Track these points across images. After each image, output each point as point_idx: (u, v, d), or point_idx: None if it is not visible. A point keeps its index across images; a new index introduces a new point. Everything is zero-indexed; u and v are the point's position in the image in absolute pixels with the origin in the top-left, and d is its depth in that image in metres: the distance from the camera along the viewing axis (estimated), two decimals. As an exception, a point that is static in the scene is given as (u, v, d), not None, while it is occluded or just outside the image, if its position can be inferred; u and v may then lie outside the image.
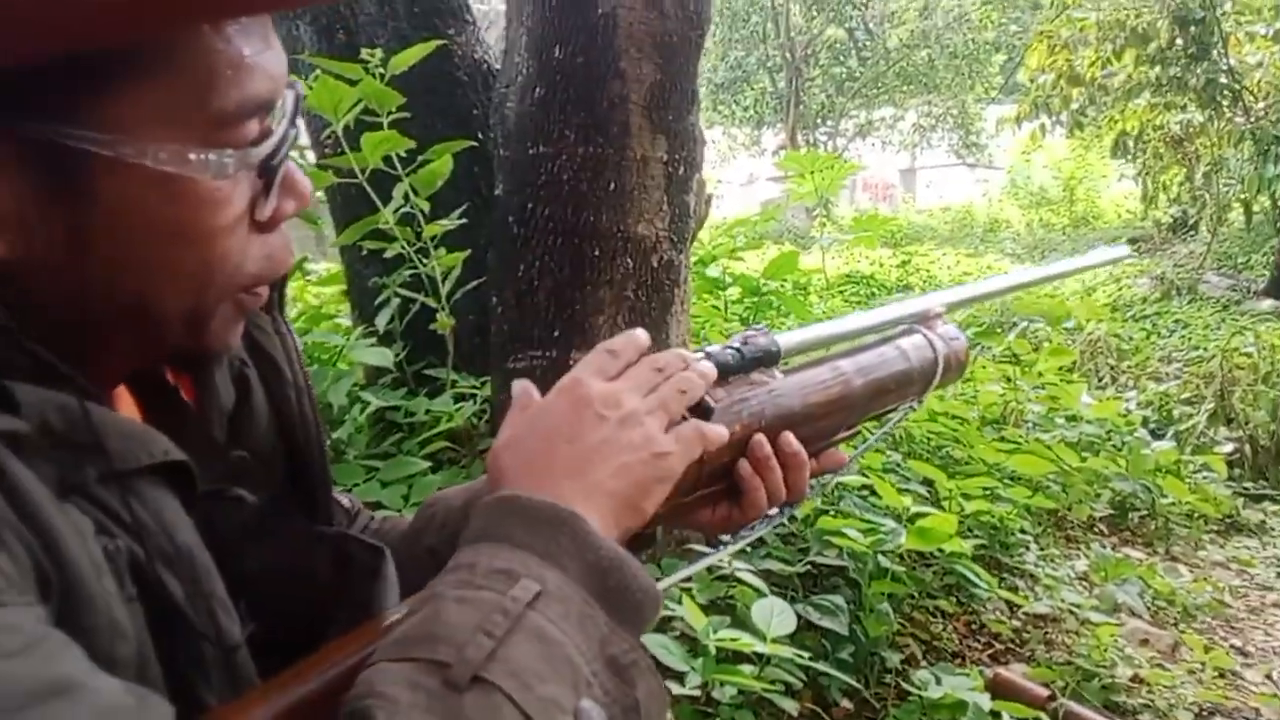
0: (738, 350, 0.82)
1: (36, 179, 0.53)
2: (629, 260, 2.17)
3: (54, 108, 0.52)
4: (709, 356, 0.80)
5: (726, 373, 0.80)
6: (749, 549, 2.41)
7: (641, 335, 0.76)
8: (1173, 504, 3.69)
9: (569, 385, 0.70)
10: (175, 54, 0.53)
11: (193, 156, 0.55)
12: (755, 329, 0.87)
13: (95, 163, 0.53)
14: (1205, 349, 6.49)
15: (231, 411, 0.72)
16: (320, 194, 3.19)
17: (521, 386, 0.74)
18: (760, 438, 0.81)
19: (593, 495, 0.64)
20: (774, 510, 0.84)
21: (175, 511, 0.60)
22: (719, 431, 0.73)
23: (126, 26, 0.51)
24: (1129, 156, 11.28)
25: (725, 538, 0.86)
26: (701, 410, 0.75)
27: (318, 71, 2.31)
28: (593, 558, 0.59)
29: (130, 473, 0.57)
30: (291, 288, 3.71)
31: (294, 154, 0.64)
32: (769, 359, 0.84)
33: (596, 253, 2.15)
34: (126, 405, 0.66)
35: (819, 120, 22.27)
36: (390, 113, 2.34)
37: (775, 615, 2.02)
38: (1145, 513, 3.75)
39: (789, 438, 0.83)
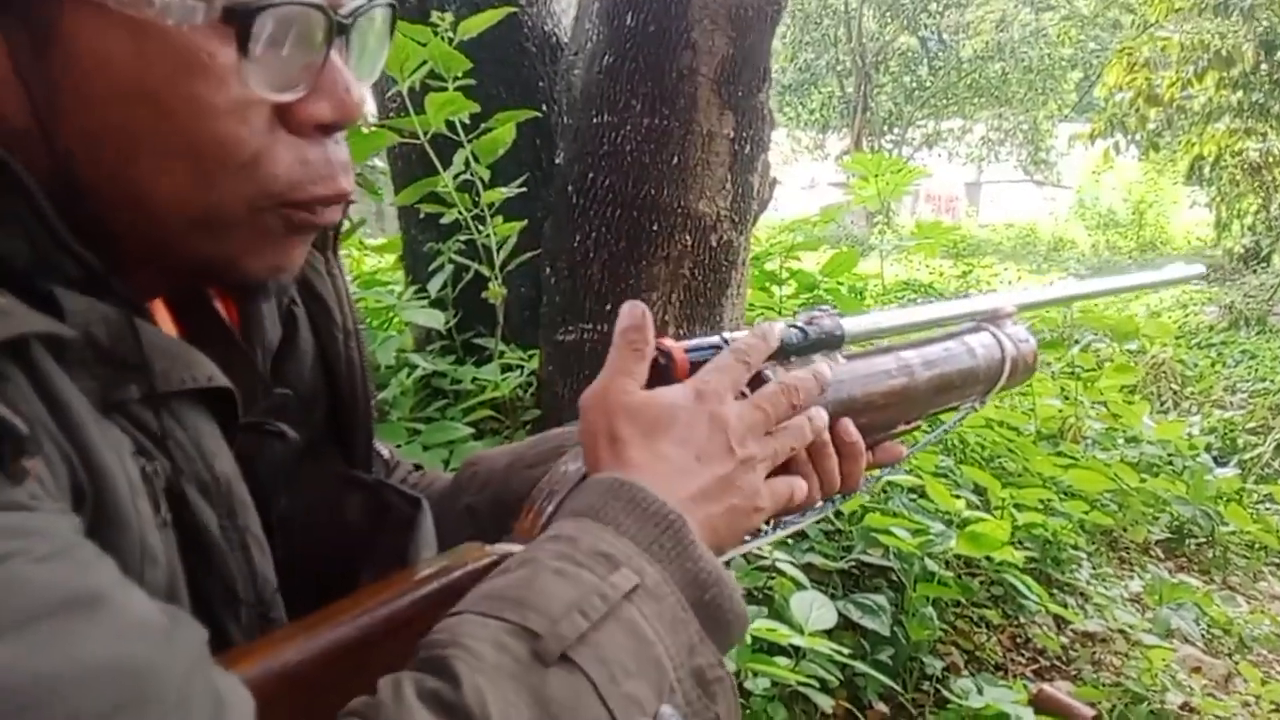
0: (802, 330, 0.79)
1: (8, 33, 0.49)
2: (687, 237, 2.12)
3: None
4: (789, 327, 0.77)
5: (789, 352, 0.77)
6: (791, 541, 2.36)
7: (773, 332, 0.74)
8: (1233, 533, 3.56)
9: (707, 394, 0.67)
10: None
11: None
12: (822, 309, 0.83)
13: (59, 5, 0.49)
14: (1273, 381, 6.29)
15: (276, 349, 0.70)
16: (381, 162, 3.19)
17: (636, 314, 0.68)
18: (822, 417, 0.77)
19: (703, 522, 0.62)
20: (822, 502, 0.80)
21: (215, 439, 0.57)
22: (802, 489, 0.72)
23: None
24: (1203, 182, 11.03)
25: (767, 525, 0.80)
26: (758, 382, 0.72)
27: (387, 30, 2.29)
28: (693, 567, 0.58)
29: (172, 395, 0.54)
30: (348, 255, 3.74)
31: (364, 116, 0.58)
32: (833, 342, 0.81)
33: (655, 227, 2.11)
34: (166, 324, 0.62)
35: (886, 128, 22.05)
36: (456, 77, 2.32)
37: (815, 609, 1.97)
38: (1204, 540, 3.63)
39: (848, 425, 0.79)
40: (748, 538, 0.78)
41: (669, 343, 0.72)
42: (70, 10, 0.49)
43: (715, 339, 0.75)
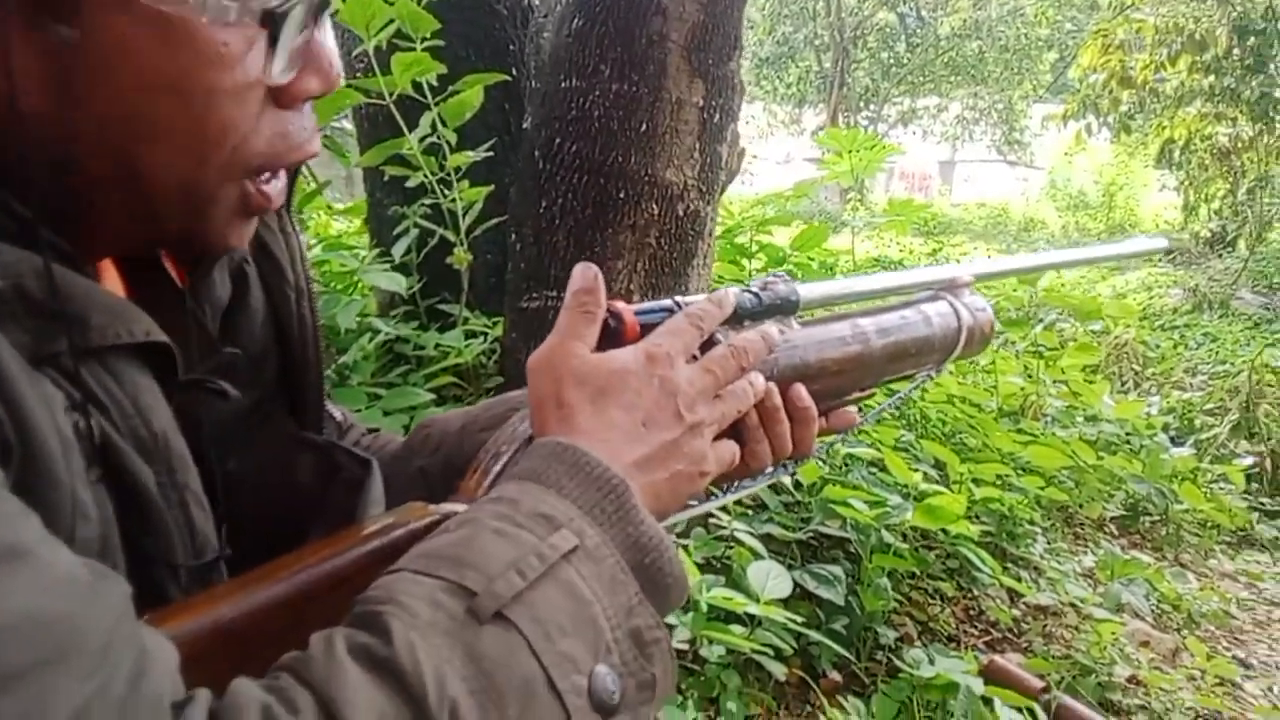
0: (756, 295, 0.79)
1: (27, 18, 0.49)
2: (654, 206, 2.12)
3: None
4: (743, 291, 0.78)
5: (742, 316, 0.77)
6: (750, 511, 2.37)
7: (728, 298, 0.75)
8: (1187, 511, 3.62)
9: (658, 358, 0.67)
10: None
11: None
12: (776, 275, 0.83)
13: (91, 2, 0.49)
14: (1233, 364, 6.38)
15: (226, 307, 0.69)
16: (347, 123, 3.15)
17: (587, 276, 0.69)
18: (770, 387, 0.77)
19: (645, 488, 0.63)
20: (773, 468, 0.81)
21: (153, 395, 0.57)
22: (734, 450, 0.72)
23: None
24: (1173, 166, 11.11)
25: (720, 489, 0.83)
26: (709, 345, 0.73)
27: (353, -13, 2.25)
28: (634, 532, 0.58)
29: (107, 349, 0.53)
30: (314, 218, 3.69)
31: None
32: (787, 307, 0.81)
33: (621, 195, 2.10)
34: (112, 282, 0.62)
35: (862, 104, 22.04)
36: (424, 38, 2.29)
37: (770, 578, 1.99)
38: (1158, 518, 3.69)
39: (800, 391, 0.80)
40: (694, 501, 0.78)
41: (619, 305, 0.72)
42: (98, 6, 0.49)
43: (668, 302, 0.75)
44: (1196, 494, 3.44)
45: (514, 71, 2.60)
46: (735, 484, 0.83)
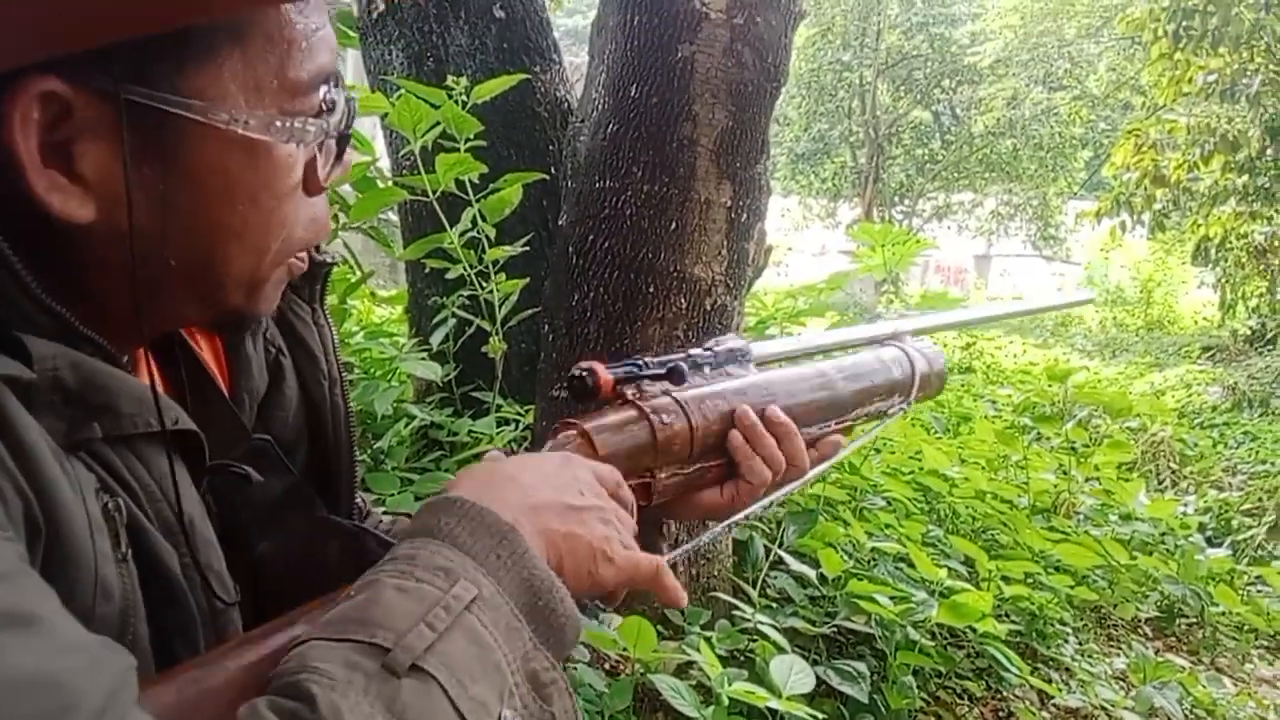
0: (710, 350, 0.88)
1: (131, 141, 0.55)
2: (682, 300, 2.18)
3: (158, 76, 0.55)
4: (683, 360, 0.85)
5: (702, 366, 0.87)
6: (774, 604, 2.38)
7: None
8: (1223, 614, 3.55)
9: (571, 458, 0.74)
10: (262, 27, 0.57)
11: (278, 123, 0.59)
12: (725, 337, 0.93)
13: (188, 128, 0.56)
14: (1273, 463, 6.28)
15: (263, 396, 0.75)
16: (393, 216, 3.28)
17: (591, 366, 0.78)
18: (745, 408, 0.86)
19: (539, 533, 0.65)
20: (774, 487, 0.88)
21: (182, 480, 0.61)
22: (653, 565, 0.73)
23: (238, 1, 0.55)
24: (1210, 263, 11.09)
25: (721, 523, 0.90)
26: (676, 375, 0.82)
27: (402, 92, 2.38)
28: (526, 574, 0.60)
29: (138, 436, 0.59)
30: (357, 306, 3.80)
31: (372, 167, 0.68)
32: (742, 354, 0.90)
33: (651, 289, 2.17)
34: (144, 374, 0.68)
35: (897, 198, 22.25)
36: (468, 139, 2.41)
37: (794, 673, 1.99)
38: (1193, 620, 3.62)
39: (775, 410, 0.88)
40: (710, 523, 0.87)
41: (594, 363, 0.80)
42: (193, 134, 0.57)
43: (635, 360, 0.83)
44: (1233, 596, 3.38)
45: (551, 171, 2.71)
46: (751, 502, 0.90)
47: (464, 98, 2.43)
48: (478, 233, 2.45)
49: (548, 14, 3.05)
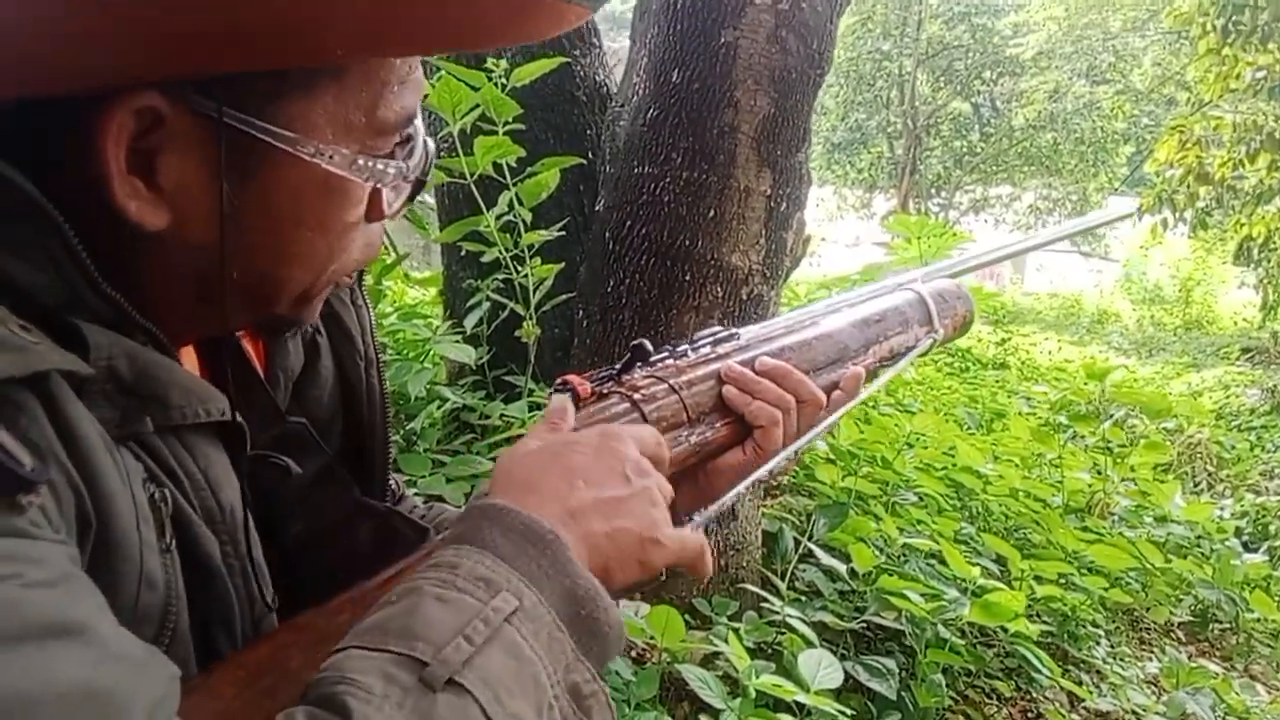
0: (692, 341, 0.88)
1: (214, 161, 0.56)
2: (718, 288, 2.16)
3: (255, 103, 0.56)
4: (686, 344, 0.86)
5: (640, 351, 0.84)
6: (803, 598, 2.36)
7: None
8: (1258, 620, 3.50)
9: (609, 432, 0.71)
10: (361, 67, 0.59)
11: (360, 161, 0.60)
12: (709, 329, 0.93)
13: (273, 155, 0.57)
14: (1313, 469, 6.18)
15: (298, 375, 0.75)
16: (429, 198, 3.27)
17: (561, 403, 0.74)
18: (729, 362, 0.86)
19: (582, 539, 0.63)
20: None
21: (225, 469, 0.62)
22: (700, 543, 0.71)
23: (361, 47, 0.56)
24: (1252, 264, 10.90)
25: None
26: (640, 352, 0.82)
27: (442, 73, 2.37)
28: (569, 584, 0.59)
29: (186, 427, 0.59)
30: (391, 287, 3.81)
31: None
32: (728, 338, 0.90)
33: (688, 277, 2.15)
34: (190, 362, 0.69)
35: (933, 190, 22.05)
36: (506, 122, 2.39)
37: (822, 667, 1.98)
38: (1227, 625, 3.56)
39: (762, 358, 0.87)
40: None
41: (571, 376, 0.79)
42: (276, 159, 0.58)
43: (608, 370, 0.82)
44: (1269, 603, 3.33)
45: (589, 156, 2.69)
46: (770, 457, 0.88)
47: (503, 80, 2.41)
48: (514, 216, 2.44)
49: (588, -3, 3.02)
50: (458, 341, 2.46)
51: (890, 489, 2.99)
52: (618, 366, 0.82)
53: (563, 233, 2.53)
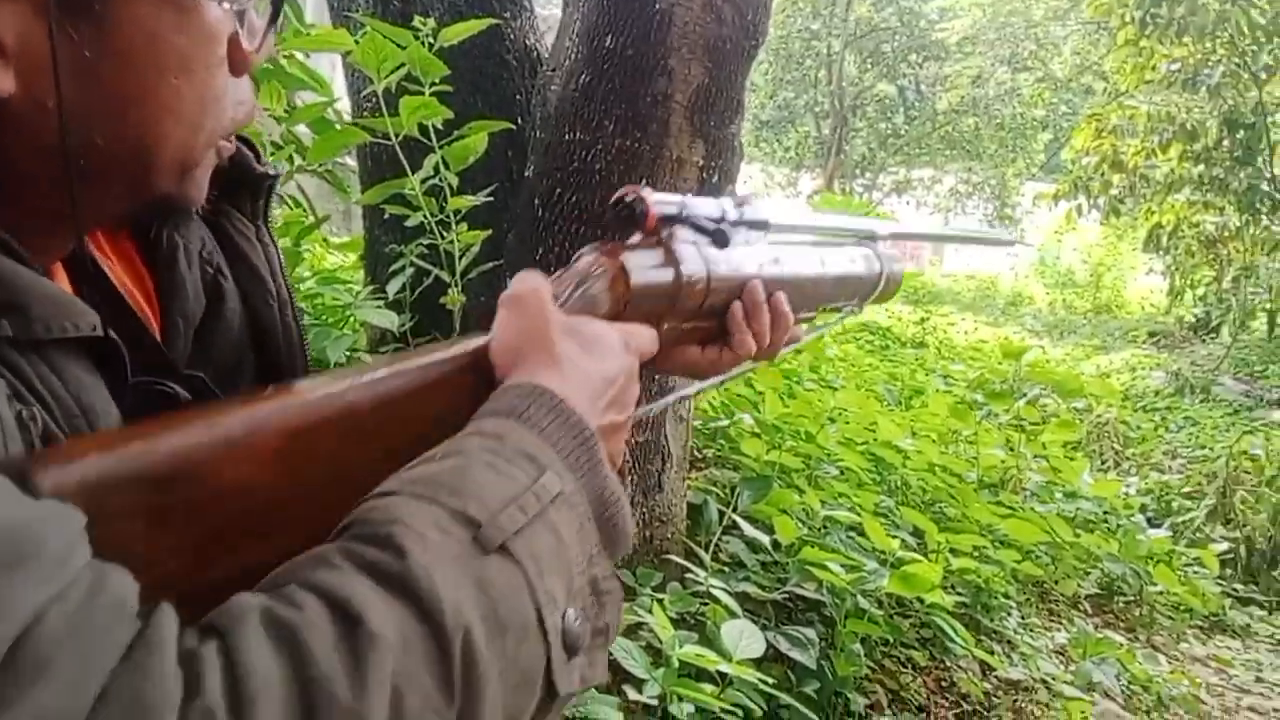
0: (739, 208, 0.88)
1: (54, 8, 0.50)
2: (649, 259, 2.14)
3: None
4: (708, 225, 0.85)
5: (721, 237, 0.85)
6: (726, 569, 2.38)
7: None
8: (1161, 593, 3.64)
9: (624, 337, 0.72)
10: None
11: None
12: (744, 196, 0.93)
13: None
14: (1212, 449, 6.43)
15: (200, 321, 0.69)
16: (351, 160, 3.19)
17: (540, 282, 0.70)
18: (756, 284, 0.88)
19: (600, 434, 0.64)
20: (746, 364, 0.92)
21: (100, 396, 0.56)
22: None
23: None
24: (1160, 251, 11.28)
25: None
26: (720, 238, 0.83)
27: (367, 29, 2.30)
28: (600, 485, 0.59)
29: (50, 343, 0.53)
30: (311, 250, 3.71)
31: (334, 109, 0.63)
32: (761, 226, 0.91)
33: (618, 247, 2.13)
34: (61, 283, 0.62)
35: (858, 171, 22.32)
36: (433, 83, 2.33)
37: (744, 637, 1.99)
38: (1132, 598, 3.70)
39: (780, 299, 0.91)
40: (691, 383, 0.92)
41: (643, 189, 0.79)
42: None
43: (678, 198, 0.82)
44: (1171, 577, 3.46)
45: (519, 120, 2.64)
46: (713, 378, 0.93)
47: (431, 40, 2.34)
48: (440, 180, 2.38)
49: (520, -41, 2.96)
50: (379, 307, 2.40)
51: (813, 463, 3.02)
52: (690, 208, 0.81)
53: (490, 199, 2.48)
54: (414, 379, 0.61)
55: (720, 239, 0.83)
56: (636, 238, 0.80)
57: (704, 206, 0.83)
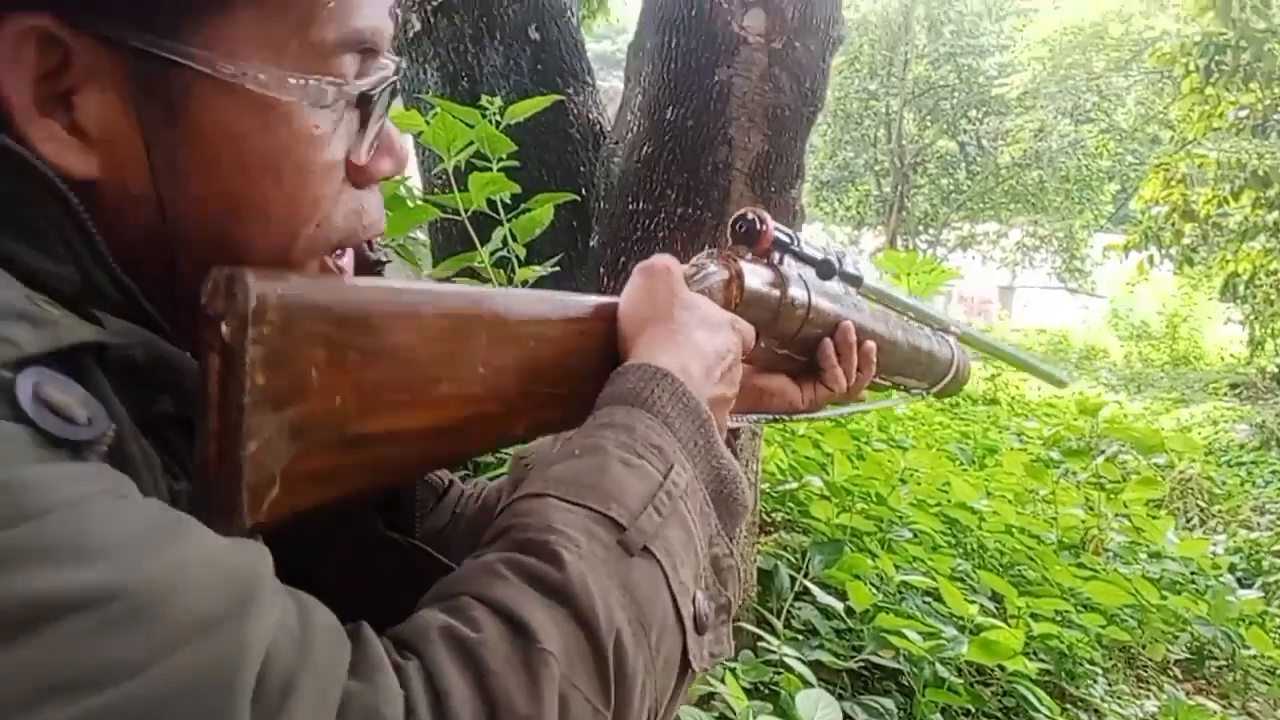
0: (839, 257, 0.94)
1: (136, 95, 0.52)
2: (714, 325, 2.16)
3: (164, 24, 0.51)
4: (816, 255, 0.91)
5: (829, 270, 0.92)
6: (800, 636, 2.34)
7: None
8: (1254, 657, 3.48)
9: (729, 320, 0.76)
10: None
11: (292, 80, 0.54)
12: (842, 250, 0.98)
13: (196, 82, 0.52)
14: (1304, 504, 6.19)
15: None
16: (422, 235, 3.27)
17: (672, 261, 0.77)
18: (849, 324, 0.94)
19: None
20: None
21: None
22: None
23: None
24: (1238, 300, 10.99)
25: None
26: (826, 268, 0.90)
27: (437, 110, 2.38)
28: (717, 464, 0.63)
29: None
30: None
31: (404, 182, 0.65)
32: (855, 281, 0.97)
33: (683, 314, 2.15)
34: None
35: (921, 227, 22.22)
36: (500, 159, 2.40)
37: (820, 709, 1.95)
38: (1224, 663, 3.54)
39: (870, 346, 0.97)
40: (783, 416, 0.97)
41: (763, 212, 0.87)
42: (201, 90, 0.52)
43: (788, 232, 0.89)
44: (1265, 639, 3.31)
45: (583, 192, 2.69)
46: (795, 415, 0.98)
47: (498, 118, 2.42)
48: (507, 252, 2.43)
49: (582, 37, 3.05)
50: (451, 378, 2.45)
51: (885, 525, 2.97)
52: (801, 241, 0.88)
53: (556, 268, 2.53)
54: (558, 310, 0.68)
55: (826, 269, 0.89)
56: (749, 255, 0.87)
57: (812, 246, 0.91)
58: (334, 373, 0.52)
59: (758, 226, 0.85)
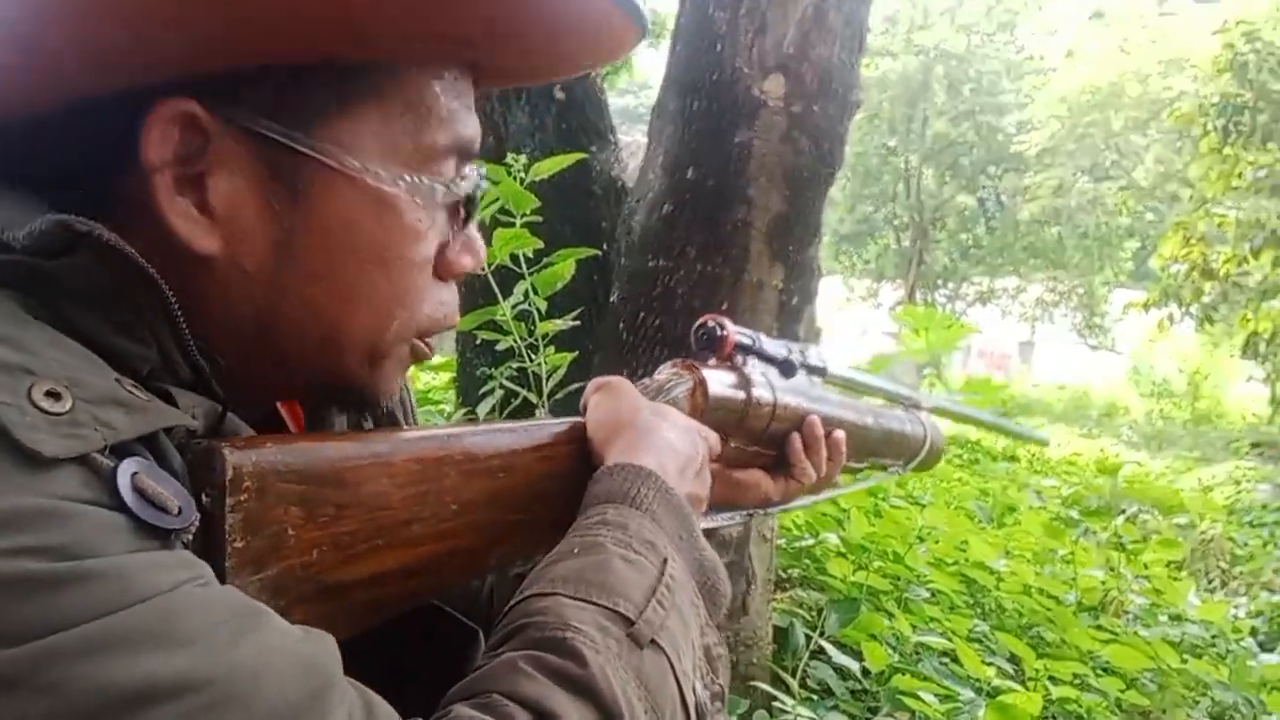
0: (802, 352, 0.97)
1: (262, 180, 0.56)
2: (732, 381, 2.18)
3: (295, 119, 0.55)
4: (779, 355, 0.94)
5: (791, 365, 0.94)
6: (815, 696, 2.33)
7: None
8: (1279, 725, 3.41)
9: (694, 428, 0.79)
10: (403, 92, 0.58)
11: (407, 178, 0.59)
12: (804, 344, 1.01)
13: (320, 173, 0.56)
14: (1328, 567, 6.09)
15: None
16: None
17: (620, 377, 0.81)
18: (815, 419, 0.95)
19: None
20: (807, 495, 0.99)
21: None
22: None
23: (391, 39, 0.56)
24: (1259, 358, 10.93)
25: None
26: (787, 368, 0.92)
27: (462, 167, 2.43)
28: (699, 556, 0.66)
29: None
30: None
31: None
32: (820, 373, 1.00)
33: (701, 369, 2.17)
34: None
35: (940, 281, 22.25)
36: (524, 214, 2.45)
37: (835, 769, 1.94)
38: (1248, 730, 3.48)
39: (839, 436, 0.98)
40: (759, 511, 0.98)
41: (723, 318, 0.90)
42: (324, 180, 0.57)
43: (753, 333, 0.93)
44: (1289, 707, 3.25)
45: (604, 247, 2.74)
46: (769, 509, 1.00)
47: (523, 175, 2.47)
48: (529, 305, 2.47)
49: (605, 96, 3.12)
50: (471, 429, 2.47)
51: (902, 584, 2.96)
52: (762, 342, 0.92)
53: (577, 322, 2.56)
54: (525, 438, 0.70)
55: (788, 369, 0.92)
56: (712, 361, 0.89)
57: (773, 344, 0.93)
58: (310, 529, 0.55)
59: (718, 333, 0.89)
